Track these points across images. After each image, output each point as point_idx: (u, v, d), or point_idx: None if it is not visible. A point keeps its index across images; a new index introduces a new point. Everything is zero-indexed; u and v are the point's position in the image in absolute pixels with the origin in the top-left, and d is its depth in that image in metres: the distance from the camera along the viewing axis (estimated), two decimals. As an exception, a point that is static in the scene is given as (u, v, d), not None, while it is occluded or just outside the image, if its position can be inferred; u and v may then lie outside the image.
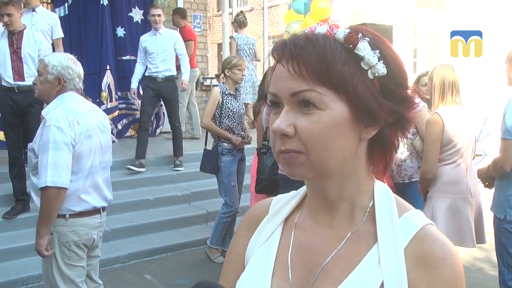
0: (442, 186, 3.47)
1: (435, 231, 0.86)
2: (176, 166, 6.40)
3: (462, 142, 3.45)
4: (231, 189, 4.72)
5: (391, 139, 0.87)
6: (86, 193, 2.85)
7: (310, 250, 0.90)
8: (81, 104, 2.89)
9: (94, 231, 2.93)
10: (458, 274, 0.82)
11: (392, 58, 0.84)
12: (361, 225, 0.88)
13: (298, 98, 0.80)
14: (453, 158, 3.46)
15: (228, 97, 4.69)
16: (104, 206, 3.00)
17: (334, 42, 0.81)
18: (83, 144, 2.77)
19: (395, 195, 0.91)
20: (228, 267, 1.02)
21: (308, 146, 0.80)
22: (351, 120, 0.80)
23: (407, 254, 0.82)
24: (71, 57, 2.91)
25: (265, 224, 0.97)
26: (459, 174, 3.46)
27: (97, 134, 2.87)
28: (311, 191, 0.93)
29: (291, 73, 0.80)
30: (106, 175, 3.00)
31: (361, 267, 0.84)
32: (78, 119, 2.76)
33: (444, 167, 3.47)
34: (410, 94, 0.86)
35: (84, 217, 2.87)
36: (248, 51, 7.84)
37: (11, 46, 4.81)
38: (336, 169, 0.84)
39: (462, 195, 3.45)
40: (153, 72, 6.35)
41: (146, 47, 6.39)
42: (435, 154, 3.45)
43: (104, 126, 2.96)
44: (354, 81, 0.79)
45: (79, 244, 2.86)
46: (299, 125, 0.80)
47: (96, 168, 2.88)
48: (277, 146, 0.82)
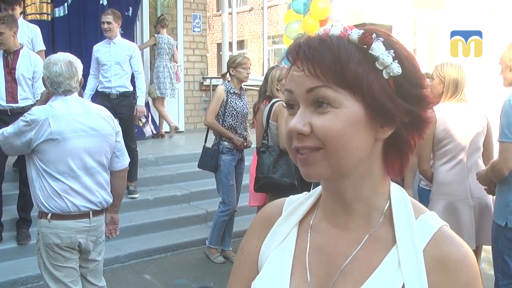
0: (437, 187, 3.42)
1: (451, 232, 0.87)
2: (130, 193, 5.64)
3: (461, 140, 3.36)
4: (229, 187, 4.73)
5: (407, 139, 0.86)
6: (68, 195, 2.81)
7: (328, 252, 0.90)
8: (64, 107, 2.83)
9: (80, 235, 2.85)
10: (476, 275, 0.83)
11: (407, 57, 0.84)
12: (378, 227, 0.87)
13: (314, 96, 0.80)
14: (449, 156, 3.37)
15: (233, 96, 4.70)
16: (96, 210, 2.91)
17: (349, 43, 0.82)
18: (56, 145, 2.75)
19: (409, 196, 0.90)
20: (240, 267, 1.01)
21: (326, 143, 0.80)
22: (367, 120, 0.81)
23: (425, 255, 0.83)
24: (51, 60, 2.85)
25: (279, 226, 0.96)
26: (456, 174, 3.38)
27: (80, 137, 2.81)
28: (327, 192, 0.92)
29: (307, 73, 0.81)
30: (100, 178, 2.93)
31: (381, 269, 0.84)
32: (51, 120, 2.76)
33: (441, 167, 3.40)
34: (426, 93, 0.85)
35: (67, 220, 2.83)
36: (168, 50, 8.05)
37: (6, 66, 4.55)
38: (352, 168, 0.83)
39: (459, 196, 3.36)
40: (106, 87, 5.62)
41: (98, 58, 5.65)
42: (427, 149, 3.40)
43: (95, 130, 2.87)
44: (369, 81, 0.80)
45: (62, 247, 2.83)
46: (314, 123, 0.80)
47: (80, 171, 2.82)
48: (294, 143, 0.83)
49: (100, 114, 2.98)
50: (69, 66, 2.82)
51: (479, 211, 3.40)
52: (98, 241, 3.01)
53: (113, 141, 2.99)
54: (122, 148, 3.08)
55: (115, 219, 3.22)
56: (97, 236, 2.99)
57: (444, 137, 3.36)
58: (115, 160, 3.04)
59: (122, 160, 3.08)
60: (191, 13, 9.22)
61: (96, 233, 2.97)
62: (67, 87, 2.83)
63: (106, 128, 2.94)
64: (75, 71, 2.85)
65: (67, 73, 2.80)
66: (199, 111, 9.35)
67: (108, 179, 3.01)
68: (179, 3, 9.08)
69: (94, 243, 2.97)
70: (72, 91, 2.87)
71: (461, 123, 3.36)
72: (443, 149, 3.38)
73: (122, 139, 3.08)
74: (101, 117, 2.95)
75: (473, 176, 3.35)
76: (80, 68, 2.91)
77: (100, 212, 2.98)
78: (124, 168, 3.12)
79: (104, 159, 2.95)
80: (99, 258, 3.07)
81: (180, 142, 8.15)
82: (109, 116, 3.02)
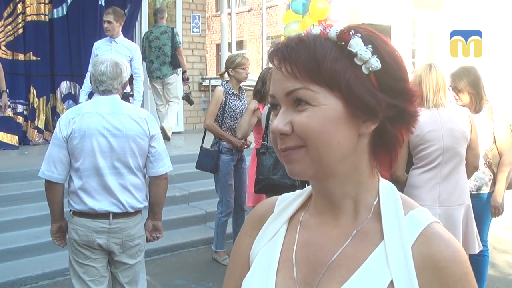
0: (406, 189, 3.29)
1: (441, 229, 0.86)
2: None
3: (436, 146, 3.18)
4: (228, 187, 4.72)
5: (395, 134, 0.86)
6: (86, 194, 2.80)
7: (315, 248, 0.89)
8: (93, 105, 2.87)
9: (98, 235, 2.81)
10: (468, 270, 0.83)
11: (388, 52, 0.84)
12: (366, 223, 0.87)
13: (292, 97, 0.82)
14: (424, 161, 3.22)
15: (232, 96, 4.67)
16: (116, 212, 2.84)
17: (326, 41, 0.82)
18: (78, 143, 2.76)
19: (400, 193, 0.90)
20: (233, 266, 1.01)
21: (306, 141, 0.81)
22: (347, 116, 0.81)
23: (414, 252, 0.82)
24: (99, 59, 2.94)
25: (270, 223, 0.96)
26: (427, 180, 3.21)
27: (102, 136, 2.78)
28: (315, 190, 0.93)
29: (284, 74, 0.82)
30: (126, 181, 2.85)
31: (367, 265, 0.83)
32: (77, 118, 2.79)
33: (412, 171, 3.28)
34: (410, 87, 0.85)
35: (84, 218, 2.82)
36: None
37: None
38: (336, 165, 0.83)
39: (425, 202, 3.15)
40: None
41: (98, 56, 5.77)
42: (401, 155, 3.29)
43: (119, 130, 2.81)
44: (346, 77, 0.80)
45: (80, 244, 2.83)
46: (294, 121, 0.81)
47: (103, 170, 2.79)
48: (278, 145, 0.84)
49: (131, 115, 2.88)
50: (115, 67, 2.86)
51: (445, 221, 3.18)
52: (128, 244, 2.91)
53: (143, 144, 2.88)
54: (158, 154, 2.95)
55: (156, 226, 3.14)
56: (124, 239, 2.89)
57: (418, 143, 3.21)
58: (149, 166, 2.95)
59: (156, 166, 2.95)
60: (190, 13, 9.22)
61: (122, 236, 2.87)
62: (108, 87, 2.86)
63: (133, 129, 2.85)
64: (120, 72, 2.87)
65: (110, 73, 2.84)
66: (198, 111, 9.35)
67: (139, 183, 2.92)
68: (178, 3, 9.08)
69: (121, 245, 2.89)
70: (113, 91, 2.88)
71: (437, 129, 3.19)
72: (418, 155, 3.25)
73: (159, 144, 2.96)
74: (131, 118, 2.86)
75: (448, 184, 3.21)
76: (126, 71, 2.93)
77: (125, 215, 2.88)
78: (158, 175, 2.98)
79: (130, 160, 2.85)
80: (130, 261, 2.97)
81: (179, 142, 8.13)
82: (142, 119, 2.90)
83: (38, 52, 7.42)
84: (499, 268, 4.75)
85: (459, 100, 3.69)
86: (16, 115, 7.27)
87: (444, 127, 3.20)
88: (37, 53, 7.41)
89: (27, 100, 7.42)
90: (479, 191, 3.73)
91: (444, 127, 3.20)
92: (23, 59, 7.32)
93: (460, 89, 3.66)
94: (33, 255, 4.55)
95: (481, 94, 3.68)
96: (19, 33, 7.28)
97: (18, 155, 6.64)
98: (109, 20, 5.55)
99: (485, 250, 3.75)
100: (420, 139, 3.20)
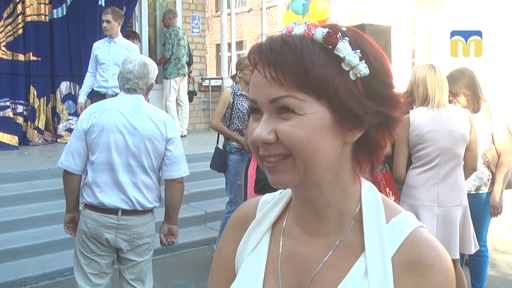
0: (405, 189, 3.31)
1: (424, 235, 0.83)
2: None
3: (435, 146, 3.17)
4: (237, 187, 4.71)
5: (378, 140, 0.83)
6: (98, 188, 2.84)
7: (300, 259, 0.87)
8: (115, 102, 2.95)
9: (106, 230, 2.85)
10: (447, 279, 0.79)
11: (375, 56, 0.80)
12: (349, 232, 0.84)
13: (277, 105, 0.77)
14: (422, 161, 3.22)
15: (240, 97, 4.67)
16: (125, 209, 2.86)
17: (312, 44, 0.78)
18: (96, 136, 2.82)
19: (383, 196, 0.87)
20: (218, 269, 1.00)
21: (292, 150, 0.77)
22: (334, 124, 0.78)
23: (394, 262, 0.80)
24: (128, 59, 3.01)
25: (253, 230, 0.93)
26: (425, 180, 3.21)
27: (120, 133, 2.82)
28: (297, 198, 0.89)
29: (268, 79, 0.77)
30: (139, 180, 2.87)
31: (349, 278, 0.81)
32: (98, 113, 2.86)
33: (411, 171, 3.28)
34: (395, 93, 0.82)
35: (94, 211, 2.86)
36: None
37: None
38: (321, 175, 0.80)
39: (424, 202, 3.19)
40: (102, 87, 5.54)
41: (97, 56, 5.60)
42: (402, 154, 3.28)
43: (135, 129, 2.84)
44: (335, 84, 0.76)
45: (88, 236, 2.86)
46: (279, 130, 0.77)
47: (117, 167, 2.83)
48: (260, 151, 0.80)
49: (150, 116, 2.90)
50: (142, 67, 2.91)
51: (443, 221, 3.22)
52: (136, 242, 2.93)
53: (159, 146, 2.89)
54: (173, 157, 2.94)
55: (171, 230, 3.13)
56: (132, 236, 2.91)
57: (417, 142, 3.21)
58: (164, 168, 2.96)
59: (171, 169, 2.95)
60: (190, 13, 9.22)
61: (130, 232, 2.89)
62: (134, 86, 2.90)
63: (150, 130, 2.87)
64: (147, 73, 2.92)
65: (137, 72, 2.89)
66: (198, 111, 9.35)
67: (151, 184, 2.93)
68: (178, 3, 9.08)
69: (129, 242, 2.91)
70: (137, 91, 2.92)
71: (436, 129, 3.18)
72: (417, 154, 3.25)
73: (176, 148, 2.96)
74: (149, 119, 2.88)
75: (446, 184, 3.21)
76: (153, 72, 2.97)
77: (134, 213, 2.90)
78: (172, 178, 2.98)
79: (145, 161, 2.87)
80: (137, 259, 2.98)
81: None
82: (161, 121, 2.91)
83: (38, 53, 7.42)
84: (499, 268, 4.74)
85: (456, 102, 3.68)
86: (16, 116, 7.26)
87: (444, 128, 3.19)
88: (37, 54, 7.40)
89: (27, 100, 7.42)
90: (478, 191, 3.73)
91: (444, 128, 3.19)
92: (23, 59, 7.31)
93: (455, 92, 3.65)
94: (33, 255, 4.54)
95: (477, 95, 3.68)
96: (19, 33, 7.27)
97: (18, 156, 6.63)
98: (108, 20, 5.54)
99: (485, 250, 3.76)
100: (419, 139, 3.20)
